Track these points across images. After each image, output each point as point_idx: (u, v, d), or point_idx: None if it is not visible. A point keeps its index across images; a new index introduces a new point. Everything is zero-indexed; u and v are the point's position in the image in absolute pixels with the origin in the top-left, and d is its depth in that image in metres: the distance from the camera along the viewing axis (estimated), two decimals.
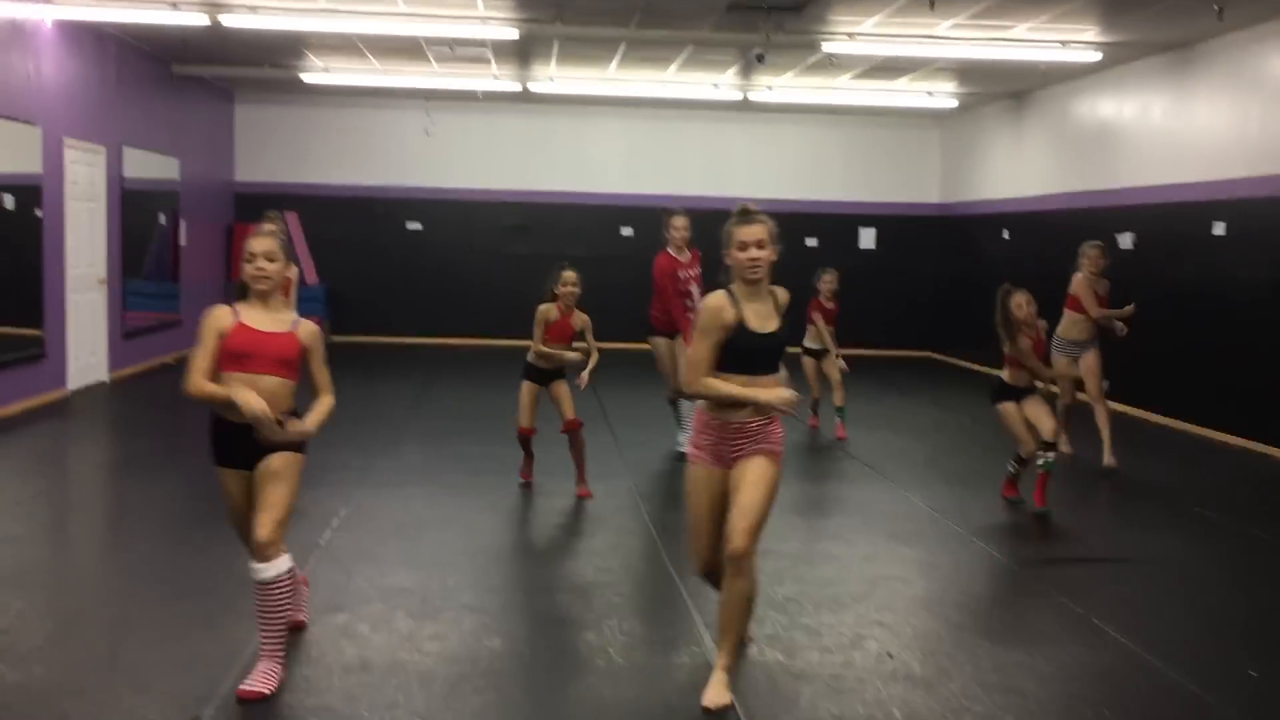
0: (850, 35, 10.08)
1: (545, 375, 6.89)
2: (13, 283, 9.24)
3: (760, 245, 3.94)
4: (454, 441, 8.21)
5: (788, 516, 6.66)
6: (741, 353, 3.93)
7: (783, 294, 4.11)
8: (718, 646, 4.02)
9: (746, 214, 4.01)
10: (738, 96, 14.05)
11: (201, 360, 3.89)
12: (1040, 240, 12.81)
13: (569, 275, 6.80)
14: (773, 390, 3.95)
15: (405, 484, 7.12)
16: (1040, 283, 7.87)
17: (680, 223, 8.08)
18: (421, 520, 6.31)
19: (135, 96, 11.97)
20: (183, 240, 13.32)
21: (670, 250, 7.99)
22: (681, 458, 7.71)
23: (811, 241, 15.75)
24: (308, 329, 4.05)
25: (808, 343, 9.45)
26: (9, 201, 9.20)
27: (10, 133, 9.14)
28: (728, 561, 3.88)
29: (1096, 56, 10.69)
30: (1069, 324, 8.33)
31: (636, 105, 15.57)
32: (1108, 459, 8.07)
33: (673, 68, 12.58)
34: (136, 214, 11.96)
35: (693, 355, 3.96)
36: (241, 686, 3.79)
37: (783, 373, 4.14)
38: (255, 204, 15.48)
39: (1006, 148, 14.31)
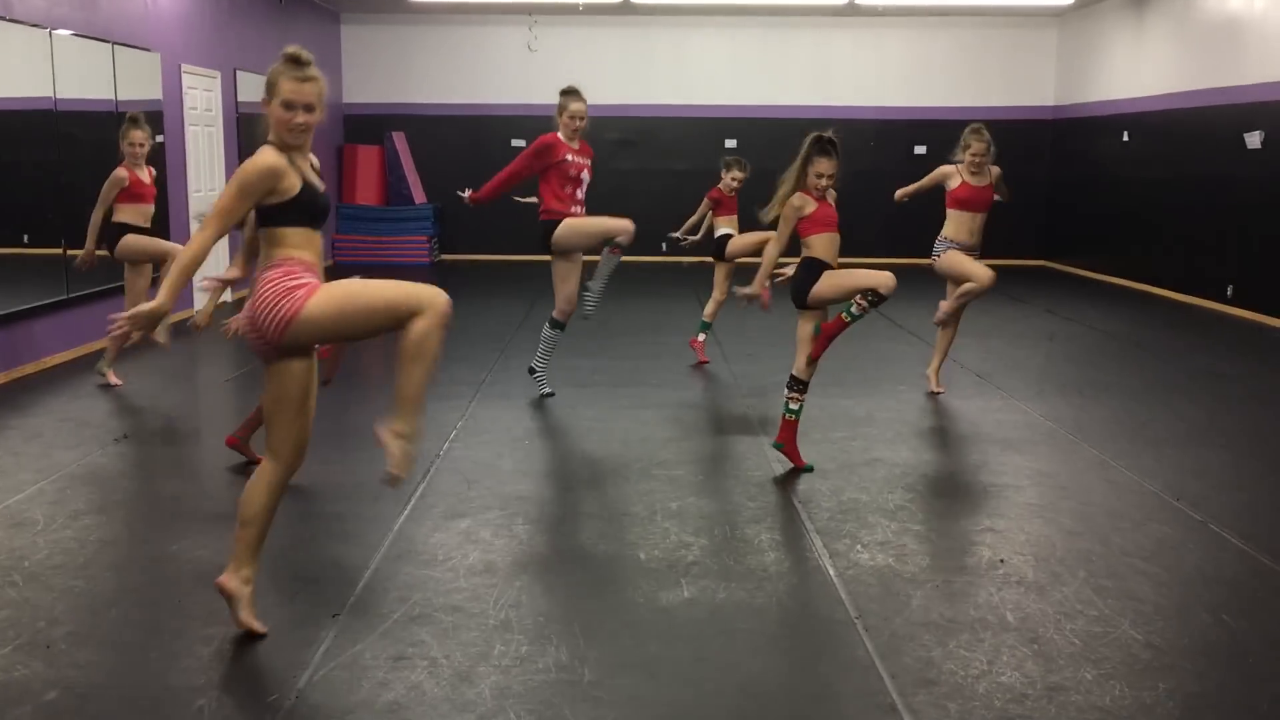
0: None
1: None
2: None
3: (309, 109, 3.44)
4: (560, 355, 8.36)
5: (897, 426, 6.67)
6: (316, 212, 3.55)
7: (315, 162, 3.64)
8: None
9: (300, 63, 3.43)
10: (843, 1, 13.71)
11: None
12: (1162, 141, 12.32)
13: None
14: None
15: (517, 396, 7.30)
16: (1163, 186, 7.62)
17: (579, 108, 7.10)
18: (534, 431, 6.49)
19: (246, 21, 12.20)
20: None
21: (560, 135, 7.09)
22: (542, 386, 7.26)
23: (920, 149, 15.39)
24: None
25: (727, 229, 8.32)
26: None
27: (132, 60, 9.44)
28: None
29: None
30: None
31: (738, 14, 15.31)
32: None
33: None
34: (251, 138, 12.26)
35: (227, 206, 3.36)
36: None
37: None
38: (363, 125, 15.76)
39: (1127, 46, 13.73)
